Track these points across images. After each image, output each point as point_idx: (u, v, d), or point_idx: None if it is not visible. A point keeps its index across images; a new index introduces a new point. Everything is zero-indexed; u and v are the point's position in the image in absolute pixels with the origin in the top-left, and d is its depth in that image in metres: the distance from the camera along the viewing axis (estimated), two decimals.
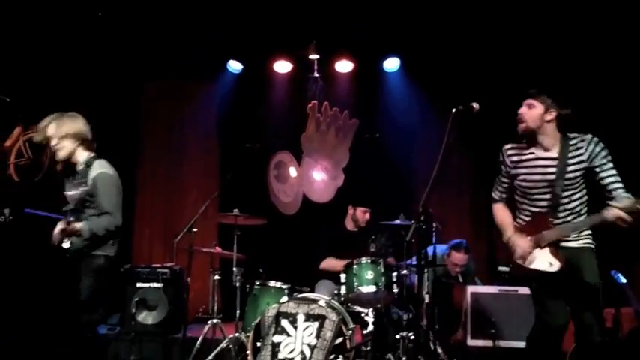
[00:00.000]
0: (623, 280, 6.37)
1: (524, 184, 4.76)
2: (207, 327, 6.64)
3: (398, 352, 5.83)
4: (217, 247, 7.34)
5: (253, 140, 7.91)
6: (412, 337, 5.91)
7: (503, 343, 6.66)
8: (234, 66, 9.32)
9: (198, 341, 6.51)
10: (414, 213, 4.80)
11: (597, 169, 4.55)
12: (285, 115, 9.59)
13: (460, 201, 9.13)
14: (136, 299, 7.35)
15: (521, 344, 4.61)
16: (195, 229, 6.80)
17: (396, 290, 6.26)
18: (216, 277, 7.07)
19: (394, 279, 6.27)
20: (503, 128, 4.78)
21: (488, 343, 6.60)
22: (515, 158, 4.81)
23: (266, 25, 8.38)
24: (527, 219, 4.76)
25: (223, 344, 6.36)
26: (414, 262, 5.89)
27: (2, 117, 8.23)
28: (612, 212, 4.39)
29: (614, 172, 4.55)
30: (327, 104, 9.70)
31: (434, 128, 8.23)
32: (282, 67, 9.35)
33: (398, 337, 5.91)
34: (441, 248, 7.21)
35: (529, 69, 8.17)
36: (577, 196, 4.61)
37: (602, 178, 4.54)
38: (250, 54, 9.17)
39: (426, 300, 6.14)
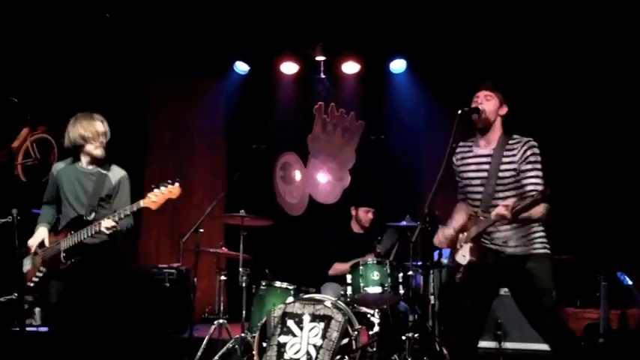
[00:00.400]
0: (629, 282, 6.36)
1: (463, 181, 4.71)
2: (213, 327, 6.64)
3: (404, 353, 5.82)
4: (224, 248, 7.35)
5: (260, 141, 7.94)
6: (418, 338, 5.91)
7: (508, 345, 6.66)
8: (241, 67, 9.35)
9: (205, 341, 6.50)
10: (420, 214, 4.81)
11: (522, 174, 4.39)
12: (291, 116, 9.62)
13: None
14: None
15: (527, 346, 4.61)
16: (201, 230, 6.81)
17: (402, 291, 6.27)
18: (223, 277, 7.08)
19: (400, 280, 6.28)
20: (508, 129, 4.75)
21: (494, 344, 6.59)
22: (459, 156, 4.73)
23: (273, 26, 8.41)
24: (471, 217, 4.64)
25: (229, 344, 6.36)
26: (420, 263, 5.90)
27: (9, 118, 8.27)
28: (496, 210, 4.21)
29: (535, 179, 4.35)
30: (333, 105, 9.71)
31: (440, 129, 8.19)
32: (289, 68, 9.37)
33: (404, 338, 5.90)
34: (446, 252, 7.18)
35: (535, 70, 8.19)
36: (513, 199, 4.34)
37: (524, 185, 4.36)
38: (257, 55, 9.20)
39: (432, 301, 6.15)
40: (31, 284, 5.17)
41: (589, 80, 8.13)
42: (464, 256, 4.55)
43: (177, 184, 5.07)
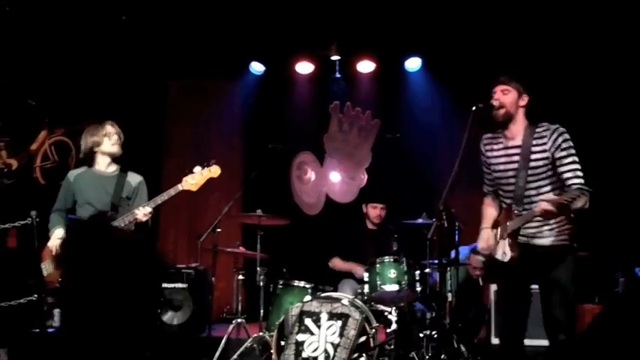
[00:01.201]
0: None
1: (494, 174, 4.69)
2: (231, 327, 6.66)
3: (421, 351, 5.82)
4: (241, 247, 7.38)
5: (276, 141, 7.98)
6: (435, 336, 5.91)
7: (527, 342, 6.62)
8: (257, 68, 9.38)
9: (223, 341, 6.51)
10: (435, 211, 4.81)
11: (557, 162, 4.35)
12: (307, 115, 9.63)
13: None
14: (161, 300, 7.42)
15: (546, 342, 4.58)
16: (219, 229, 6.85)
17: (419, 289, 6.27)
18: (240, 277, 7.11)
19: (417, 277, 6.29)
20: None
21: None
22: (488, 147, 4.73)
23: (288, 26, 8.43)
24: (503, 211, 4.65)
25: (247, 344, 6.37)
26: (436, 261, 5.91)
27: (28, 121, 8.34)
28: (539, 205, 4.19)
29: (573, 166, 4.32)
30: (349, 104, 9.72)
31: (456, 127, 8.20)
32: (304, 68, 9.39)
33: (421, 335, 5.90)
34: (464, 251, 7.18)
35: (551, 66, 8.16)
36: (546, 188, 4.41)
37: (561, 173, 4.34)
38: (272, 55, 9.23)
39: (449, 299, 6.14)
40: (58, 285, 5.23)
41: (606, 77, 8.09)
42: (505, 253, 4.50)
43: (215, 165, 5.29)
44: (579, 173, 4.33)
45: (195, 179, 5.27)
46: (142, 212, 5.16)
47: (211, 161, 5.36)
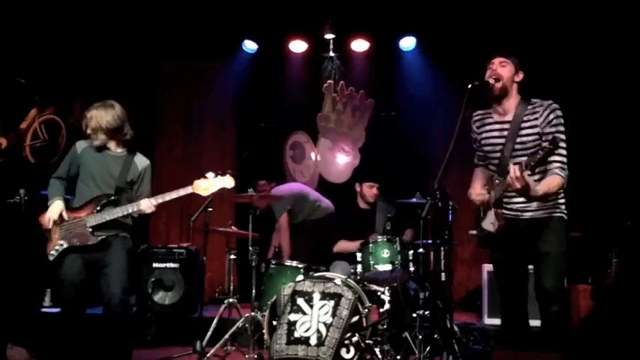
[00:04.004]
0: None
1: (485, 148, 4.66)
2: (223, 307, 6.63)
3: (414, 331, 5.78)
4: (233, 227, 7.33)
5: (269, 120, 7.92)
6: (429, 316, 5.88)
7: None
8: (250, 46, 9.31)
9: (215, 321, 6.48)
10: (430, 190, 4.77)
11: (544, 137, 4.30)
12: (300, 95, 9.56)
13: None
14: (153, 280, 7.39)
15: (536, 322, 4.55)
16: (210, 209, 6.78)
17: (412, 269, 6.24)
18: (233, 257, 7.06)
19: (410, 257, 6.25)
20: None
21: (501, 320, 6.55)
22: (478, 123, 4.71)
23: (281, 4, 8.34)
24: (490, 182, 4.61)
25: (239, 324, 6.36)
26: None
27: (18, 99, 8.25)
28: (509, 173, 4.06)
29: (559, 144, 4.16)
30: (342, 84, 9.66)
31: (451, 106, 8.14)
32: (298, 46, 9.31)
33: (414, 315, 5.87)
34: None
35: (545, 44, 8.11)
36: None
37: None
38: (266, 34, 9.14)
39: (442, 278, 6.11)
40: (50, 258, 5.17)
41: (604, 54, 8.04)
42: (492, 223, 4.47)
43: (230, 176, 5.31)
44: (563, 152, 4.30)
45: (207, 185, 5.24)
46: (147, 205, 5.14)
47: (227, 171, 5.32)
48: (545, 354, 4.26)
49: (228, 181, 5.30)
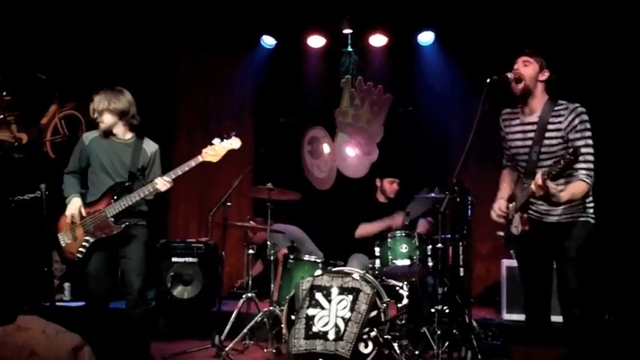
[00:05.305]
0: None
1: (512, 149, 4.64)
2: (241, 301, 6.65)
3: (433, 326, 5.79)
4: (252, 222, 7.35)
5: (287, 115, 7.92)
6: (447, 311, 5.88)
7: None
8: (268, 41, 9.31)
9: (233, 315, 6.51)
10: (449, 185, 4.77)
11: (570, 144, 4.23)
12: (318, 90, 9.53)
13: (498, 175, 9.02)
14: (172, 274, 7.43)
15: (558, 318, 4.53)
16: (229, 203, 6.80)
17: (430, 264, 6.24)
18: (251, 251, 7.08)
19: (429, 252, 6.25)
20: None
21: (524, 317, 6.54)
22: (506, 122, 4.68)
23: None
24: (518, 185, 4.60)
25: (258, 318, 6.39)
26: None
27: (38, 94, 8.32)
28: (534, 182, 4.06)
29: (584, 150, 4.17)
30: (360, 79, 9.63)
31: (469, 101, 8.11)
32: (316, 41, 9.29)
33: (433, 310, 5.87)
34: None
35: (564, 39, 8.03)
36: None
37: None
38: (284, 29, 9.14)
39: (461, 274, 6.10)
40: (79, 255, 5.23)
41: (630, 53, 7.94)
42: (516, 227, 4.47)
43: (235, 137, 5.34)
44: (589, 158, 4.25)
45: (215, 151, 5.28)
46: (162, 182, 5.18)
47: (231, 133, 5.37)
48: (560, 348, 4.24)
49: (234, 143, 5.35)
